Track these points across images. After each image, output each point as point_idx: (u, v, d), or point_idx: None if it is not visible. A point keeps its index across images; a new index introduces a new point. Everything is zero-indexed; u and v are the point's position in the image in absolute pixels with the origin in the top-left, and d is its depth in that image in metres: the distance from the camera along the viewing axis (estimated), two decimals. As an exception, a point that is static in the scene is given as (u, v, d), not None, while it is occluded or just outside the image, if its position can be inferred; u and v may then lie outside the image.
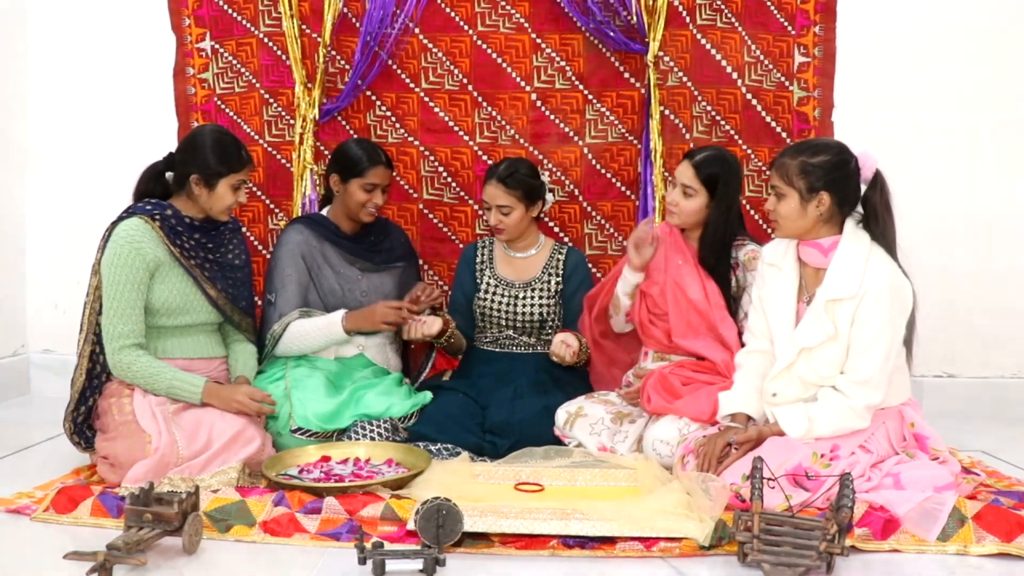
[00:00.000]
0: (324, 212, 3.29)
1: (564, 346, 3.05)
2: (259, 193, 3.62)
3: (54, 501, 2.42)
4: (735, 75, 3.47)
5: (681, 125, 3.48)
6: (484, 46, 3.54)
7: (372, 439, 2.86)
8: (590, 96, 3.55)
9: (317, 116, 3.52)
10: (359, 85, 3.53)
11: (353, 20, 3.51)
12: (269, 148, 3.61)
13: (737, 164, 3.05)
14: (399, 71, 3.57)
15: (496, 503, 2.38)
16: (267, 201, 3.64)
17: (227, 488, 2.44)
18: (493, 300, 3.27)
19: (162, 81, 3.63)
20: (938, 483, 2.39)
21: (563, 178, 3.56)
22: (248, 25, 3.58)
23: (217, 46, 3.60)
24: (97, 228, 2.88)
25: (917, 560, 2.18)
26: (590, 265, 3.40)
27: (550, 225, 3.58)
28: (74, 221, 3.87)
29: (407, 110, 3.58)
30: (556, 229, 3.60)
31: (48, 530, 2.33)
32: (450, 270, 3.55)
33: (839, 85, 3.49)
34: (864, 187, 2.59)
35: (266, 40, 3.57)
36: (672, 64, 3.46)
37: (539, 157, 3.53)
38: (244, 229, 3.10)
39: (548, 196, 3.30)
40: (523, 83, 3.55)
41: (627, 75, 3.54)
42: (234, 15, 3.58)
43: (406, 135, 3.59)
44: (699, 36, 3.47)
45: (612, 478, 2.65)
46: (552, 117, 3.56)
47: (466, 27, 3.53)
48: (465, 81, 3.55)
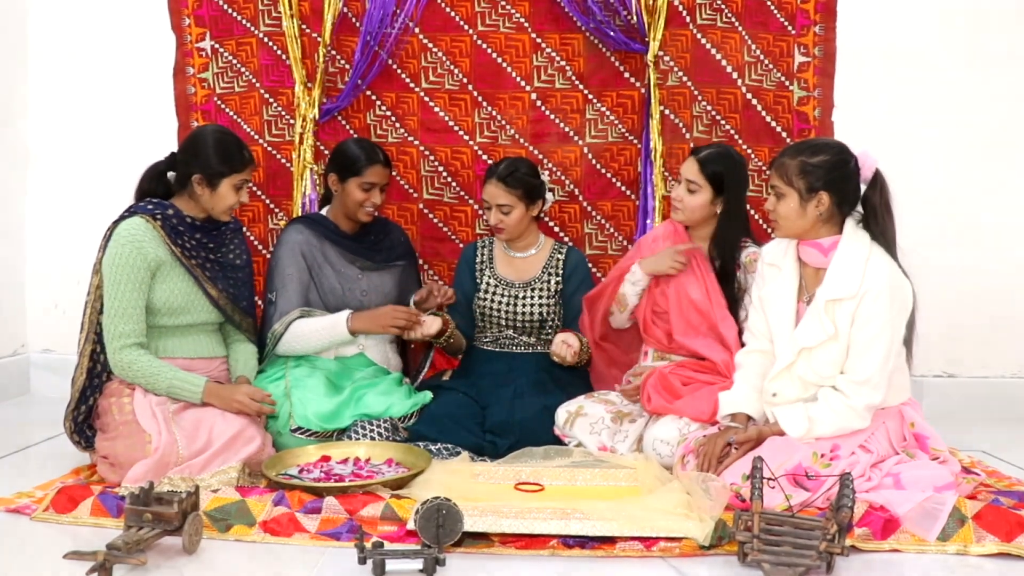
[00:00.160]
0: (323, 212, 3.29)
1: (565, 346, 3.05)
2: (259, 193, 3.62)
3: (54, 501, 2.41)
4: (735, 75, 3.47)
5: (681, 125, 3.48)
6: (484, 46, 3.54)
7: (372, 439, 2.86)
8: (590, 96, 3.55)
9: (317, 116, 3.51)
10: (359, 85, 3.53)
11: (353, 20, 3.51)
12: (269, 148, 3.61)
13: (743, 162, 3.05)
14: (399, 71, 3.56)
15: (496, 503, 2.38)
16: (267, 201, 3.64)
17: (227, 488, 2.44)
18: (493, 300, 3.27)
19: (162, 81, 3.63)
20: (938, 483, 2.39)
21: (563, 178, 3.56)
22: (248, 25, 3.58)
23: (217, 46, 3.60)
24: (97, 227, 2.88)
25: (917, 560, 2.18)
26: (590, 265, 3.40)
27: (550, 225, 3.58)
28: (74, 220, 3.87)
29: (407, 110, 3.58)
30: (556, 229, 3.60)
31: (48, 530, 2.33)
32: (450, 270, 3.55)
33: (839, 85, 3.49)
34: (864, 187, 2.59)
35: (266, 40, 3.57)
36: (672, 64, 3.46)
37: (539, 157, 3.53)
38: (244, 229, 3.09)
39: (548, 195, 3.30)
40: (523, 83, 3.55)
41: (627, 75, 3.54)
42: (234, 15, 3.58)
43: (406, 135, 3.59)
44: (699, 36, 3.47)
45: (612, 478, 2.65)
46: (552, 117, 3.56)
47: (466, 27, 3.53)
48: (465, 81, 3.55)
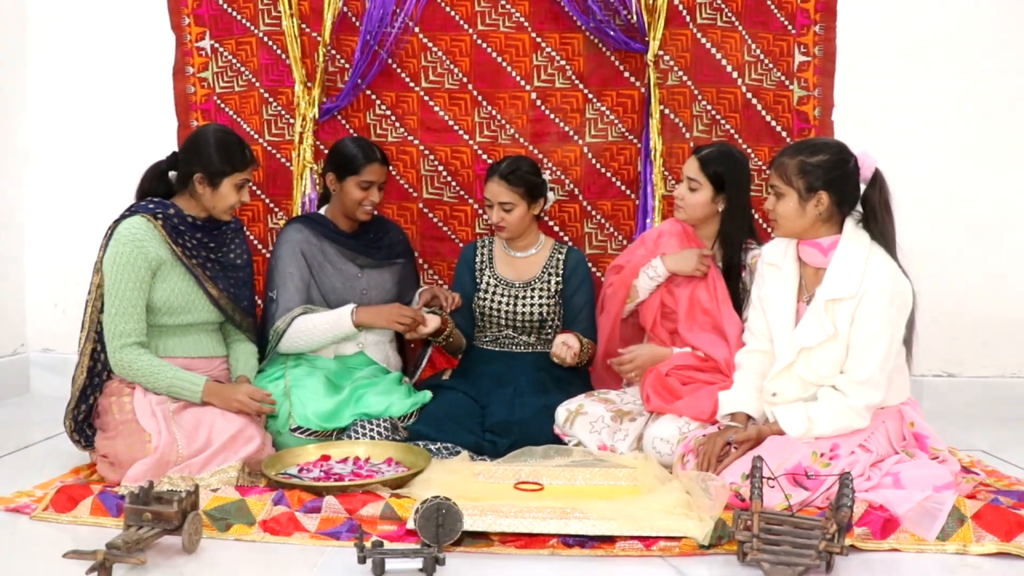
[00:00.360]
0: (322, 211, 3.29)
1: (565, 347, 3.05)
2: (259, 192, 3.62)
3: (54, 500, 2.41)
4: (735, 74, 3.47)
5: (681, 124, 3.48)
6: (484, 45, 3.54)
7: (372, 438, 2.85)
8: (590, 95, 3.55)
9: (317, 115, 3.51)
10: (359, 84, 3.53)
11: (353, 19, 3.51)
12: (269, 147, 3.61)
13: (744, 161, 3.04)
14: (399, 70, 3.56)
15: (496, 502, 2.38)
16: (267, 200, 3.64)
17: (227, 487, 2.44)
18: (493, 300, 3.26)
19: (162, 80, 3.63)
20: (938, 482, 2.39)
21: (563, 177, 3.56)
22: (248, 24, 3.58)
23: (217, 45, 3.60)
24: (97, 227, 2.88)
25: (917, 559, 2.18)
26: (590, 264, 3.40)
27: (550, 224, 3.58)
28: (73, 220, 3.87)
29: (407, 109, 3.58)
30: (556, 228, 3.60)
31: (48, 529, 2.33)
32: (450, 269, 3.55)
33: (839, 85, 3.49)
34: (863, 186, 2.59)
35: (266, 39, 3.57)
36: (672, 63, 3.46)
37: (539, 156, 3.52)
38: (244, 228, 3.09)
39: (549, 194, 3.30)
40: (523, 82, 3.55)
41: (627, 74, 3.53)
42: (234, 14, 3.58)
43: (406, 134, 3.59)
44: (699, 35, 3.47)
45: (612, 477, 2.65)
46: (552, 116, 3.56)
47: (466, 26, 3.53)
48: (465, 80, 3.55)
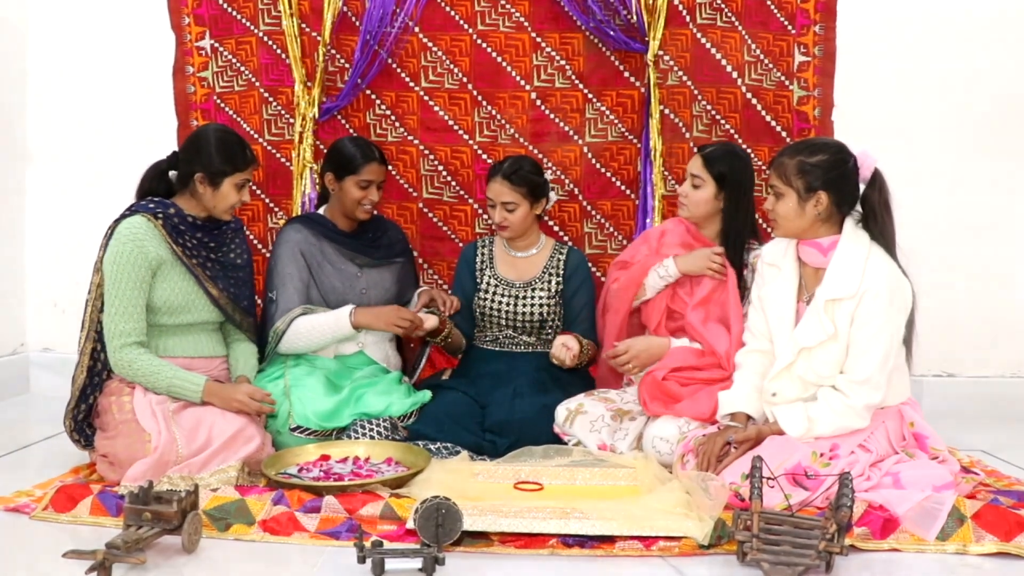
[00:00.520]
0: (321, 211, 3.29)
1: (564, 349, 3.05)
2: (259, 192, 3.62)
3: (53, 500, 2.41)
4: (735, 74, 3.47)
5: (681, 124, 3.48)
6: (484, 45, 3.54)
7: (371, 438, 2.85)
8: (590, 95, 3.55)
9: (317, 115, 3.51)
10: (359, 84, 3.53)
11: (353, 19, 3.51)
12: (268, 147, 3.61)
13: (747, 159, 3.04)
14: (399, 70, 3.56)
15: (495, 502, 2.38)
16: (266, 200, 3.64)
17: (226, 487, 2.44)
18: (493, 300, 3.26)
19: (162, 80, 3.63)
20: (937, 482, 2.39)
21: (563, 177, 3.56)
22: (248, 24, 3.58)
23: (217, 45, 3.60)
24: (96, 226, 2.88)
25: (916, 559, 2.18)
26: (590, 264, 3.40)
27: (550, 224, 3.58)
28: (73, 219, 3.87)
29: (407, 109, 3.58)
30: (556, 228, 3.60)
31: (47, 529, 2.33)
32: (450, 269, 3.55)
33: (839, 85, 3.49)
34: (863, 186, 2.59)
35: (266, 39, 3.57)
36: (672, 63, 3.46)
37: (539, 156, 3.52)
38: (244, 228, 3.09)
39: (551, 194, 3.30)
40: (523, 82, 3.55)
41: (627, 74, 3.53)
42: (234, 14, 3.58)
43: (406, 134, 3.59)
44: (699, 35, 3.47)
45: (611, 477, 2.64)
46: (552, 116, 3.56)
47: (466, 26, 3.53)
48: (465, 80, 3.55)
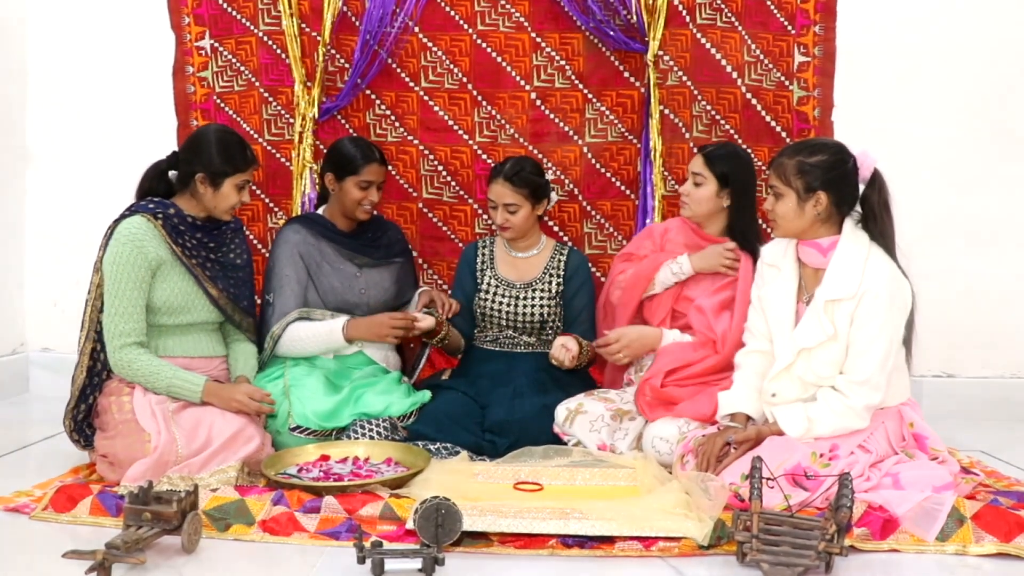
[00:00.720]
0: (320, 211, 3.29)
1: (563, 350, 3.04)
2: (258, 192, 3.62)
3: (53, 500, 2.41)
4: (735, 74, 3.47)
5: (681, 124, 3.48)
6: (484, 45, 3.54)
7: (371, 438, 2.85)
8: (590, 95, 3.55)
9: (316, 115, 3.51)
10: (359, 84, 3.53)
11: (353, 19, 3.51)
12: (268, 147, 3.61)
13: (748, 158, 3.07)
14: (399, 70, 3.56)
15: (495, 502, 2.38)
16: (266, 200, 3.64)
17: (226, 487, 2.44)
18: (494, 300, 3.26)
19: (161, 80, 3.63)
20: (937, 483, 2.39)
21: (563, 177, 3.56)
22: (247, 24, 3.58)
23: (216, 44, 3.60)
24: (96, 226, 2.88)
25: (916, 560, 2.18)
26: (590, 265, 3.40)
27: (549, 224, 3.58)
28: (73, 219, 3.87)
29: (406, 109, 3.58)
30: (555, 228, 3.60)
31: (47, 529, 2.33)
32: (449, 269, 3.55)
33: (839, 85, 3.49)
34: (863, 187, 2.59)
35: (265, 39, 3.57)
36: (672, 63, 3.46)
37: (539, 156, 3.52)
38: (244, 228, 3.09)
39: (552, 195, 3.30)
40: (523, 82, 3.54)
41: (627, 74, 3.53)
42: (233, 13, 3.57)
43: (405, 134, 3.59)
44: (699, 35, 3.47)
45: (611, 477, 2.64)
46: (552, 116, 3.56)
47: (466, 26, 3.53)
48: (465, 80, 3.55)
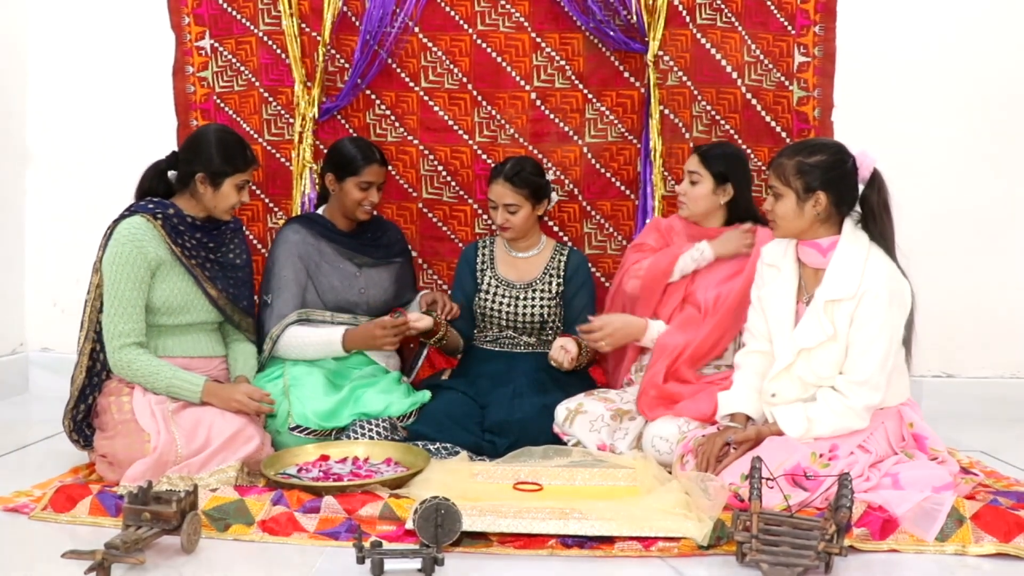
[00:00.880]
0: (320, 211, 3.29)
1: (563, 351, 3.04)
2: (258, 192, 3.62)
3: (52, 500, 2.41)
4: (735, 75, 3.47)
5: (681, 124, 3.48)
6: (484, 45, 3.54)
7: (371, 438, 2.85)
8: (590, 95, 3.54)
9: (316, 115, 3.51)
10: (359, 84, 3.53)
11: (353, 19, 3.50)
12: (268, 147, 3.61)
13: (743, 155, 3.11)
14: (398, 70, 3.56)
15: (495, 502, 2.38)
16: (266, 200, 3.64)
17: (226, 487, 2.44)
18: (494, 300, 3.26)
19: (161, 80, 3.62)
20: (937, 483, 2.39)
21: (562, 177, 3.56)
22: (247, 24, 3.57)
23: (216, 44, 3.60)
24: (96, 226, 2.88)
25: (915, 560, 2.18)
26: (590, 265, 3.40)
27: (549, 224, 3.58)
28: (73, 219, 3.87)
29: (406, 109, 3.58)
30: (555, 228, 3.59)
31: (46, 529, 2.33)
32: (449, 269, 3.55)
33: (839, 85, 3.49)
34: (862, 187, 2.59)
35: (265, 39, 3.57)
36: (672, 63, 3.46)
37: (539, 156, 3.52)
38: (244, 228, 3.09)
39: (552, 195, 3.30)
40: (523, 82, 3.54)
41: (627, 74, 3.53)
42: (233, 13, 3.57)
43: (405, 134, 3.59)
44: (699, 35, 3.47)
45: (611, 477, 2.64)
46: (552, 116, 3.56)
47: (466, 26, 3.53)
48: (464, 80, 3.55)
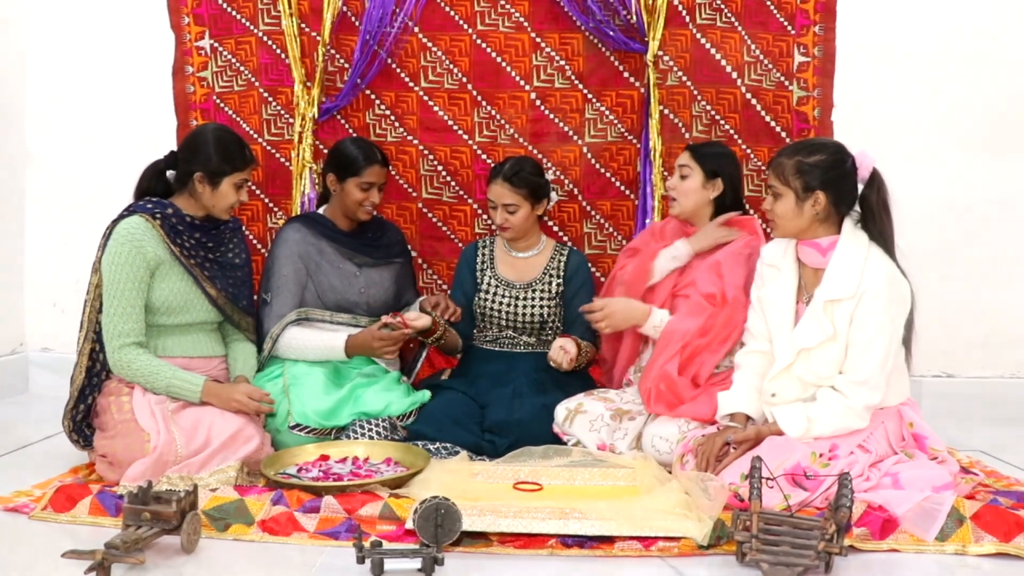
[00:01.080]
0: (321, 211, 3.30)
1: (562, 352, 3.04)
2: (258, 192, 3.62)
3: (52, 500, 2.41)
4: (735, 74, 3.47)
5: (680, 124, 3.48)
6: (483, 45, 3.54)
7: (371, 438, 2.85)
8: (589, 95, 3.54)
9: (316, 115, 3.51)
10: (358, 84, 3.53)
11: (352, 19, 3.50)
12: (268, 147, 3.61)
13: (733, 152, 3.13)
14: (398, 70, 3.56)
15: (495, 502, 2.38)
16: (266, 200, 3.64)
17: (225, 487, 2.44)
18: (494, 300, 3.26)
19: (161, 80, 3.62)
20: (937, 483, 2.39)
21: (562, 177, 3.56)
22: (247, 23, 3.57)
23: (216, 44, 3.59)
24: (96, 226, 2.88)
25: (915, 560, 2.18)
26: (590, 265, 3.40)
27: (549, 224, 3.58)
28: (73, 219, 3.87)
29: (406, 109, 3.58)
30: (555, 228, 3.59)
31: (46, 529, 2.33)
32: (449, 269, 3.55)
33: (839, 85, 3.48)
34: (861, 186, 2.59)
35: (265, 39, 3.57)
36: (672, 63, 3.46)
37: (538, 156, 3.52)
38: (243, 228, 3.09)
39: (552, 195, 3.30)
40: (522, 82, 3.54)
41: (626, 74, 3.53)
42: (233, 13, 3.57)
43: (405, 134, 3.59)
44: (699, 35, 3.47)
45: (611, 477, 2.64)
46: (551, 116, 3.56)
47: (465, 26, 3.53)
48: (464, 80, 3.55)
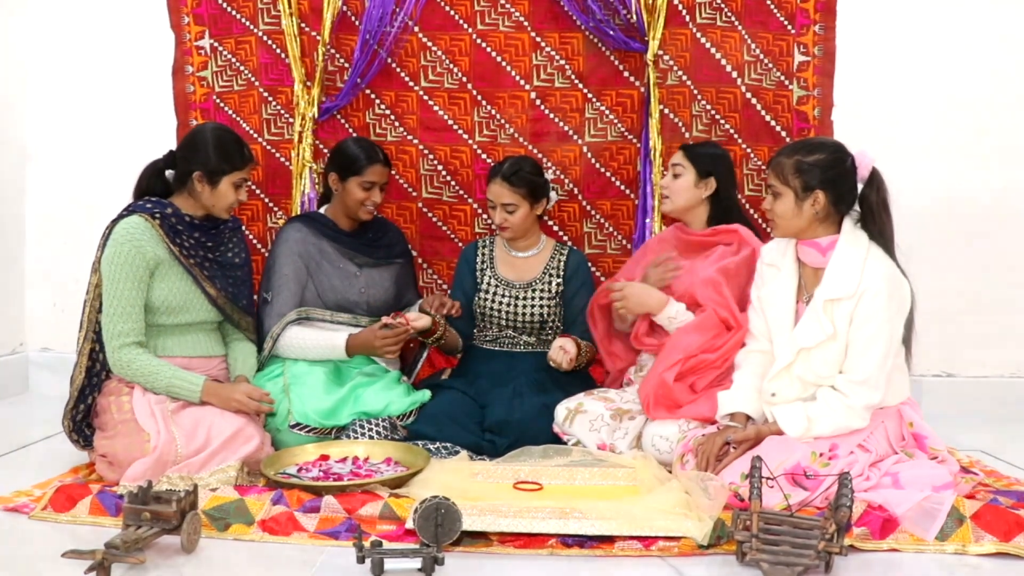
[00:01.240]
0: (322, 210, 3.30)
1: (562, 352, 3.04)
2: (258, 191, 3.62)
3: (52, 499, 2.41)
4: (735, 74, 3.47)
5: (680, 124, 3.48)
6: (483, 44, 3.53)
7: (371, 438, 2.85)
8: (589, 95, 3.54)
9: (316, 114, 3.51)
10: (358, 83, 3.53)
11: (352, 18, 3.50)
12: (268, 146, 3.61)
13: (727, 152, 3.14)
14: (398, 69, 3.56)
15: (495, 502, 2.38)
16: (266, 199, 3.64)
17: (226, 487, 2.44)
18: (494, 300, 3.26)
19: (161, 79, 3.62)
20: (937, 482, 2.39)
21: (562, 177, 3.56)
22: (247, 23, 3.57)
23: (216, 44, 3.59)
24: (96, 226, 2.88)
25: (915, 559, 2.18)
26: (590, 264, 3.40)
27: (549, 224, 3.58)
28: (73, 219, 3.87)
29: (406, 108, 3.58)
30: (555, 228, 3.59)
31: (46, 528, 2.33)
32: (449, 269, 3.55)
33: (839, 85, 3.49)
34: (861, 186, 2.59)
35: (265, 38, 3.57)
36: (672, 63, 3.46)
37: (538, 156, 3.52)
38: (243, 227, 3.09)
39: (551, 194, 3.30)
40: (522, 82, 3.54)
41: (626, 74, 3.53)
42: (233, 13, 3.57)
43: (405, 133, 3.59)
44: (699, 35, 3.47)
45: (611, 477, 2.64)
46: (551, 116, 3.56)
47: (465, 25, 3.53)
48: (464, 79, 3.55)
